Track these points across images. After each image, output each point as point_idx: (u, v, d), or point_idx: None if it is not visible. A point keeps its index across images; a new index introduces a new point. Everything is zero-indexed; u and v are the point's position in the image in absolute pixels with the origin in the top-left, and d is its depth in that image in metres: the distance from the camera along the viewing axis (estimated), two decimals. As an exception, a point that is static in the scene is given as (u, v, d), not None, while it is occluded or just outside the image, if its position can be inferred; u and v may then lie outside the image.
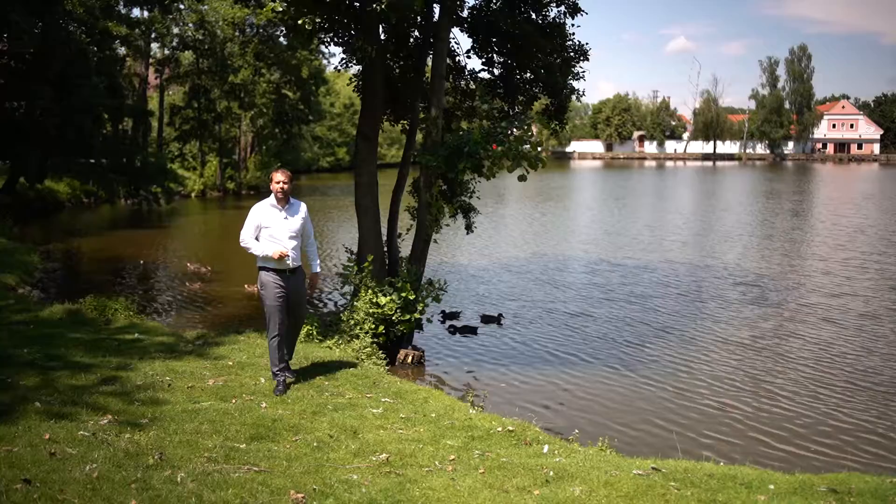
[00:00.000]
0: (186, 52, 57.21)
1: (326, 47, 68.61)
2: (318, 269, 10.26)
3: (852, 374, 14.57)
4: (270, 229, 9.50)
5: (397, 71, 17.37)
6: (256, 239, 9.55)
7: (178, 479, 6.15)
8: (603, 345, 16.83)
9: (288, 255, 9.43)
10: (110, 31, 42.01)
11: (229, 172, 60.33)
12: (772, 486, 7.12)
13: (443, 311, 18.82)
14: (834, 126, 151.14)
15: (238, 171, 61.48)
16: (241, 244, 9.60)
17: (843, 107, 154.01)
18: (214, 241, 35.34)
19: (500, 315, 19.00)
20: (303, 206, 9.95)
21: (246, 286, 21.67)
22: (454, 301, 20.08)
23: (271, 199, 9.65)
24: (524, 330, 18.06)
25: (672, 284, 23.69)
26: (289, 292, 9.60)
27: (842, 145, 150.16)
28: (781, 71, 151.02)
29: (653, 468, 7.47)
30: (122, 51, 49.37)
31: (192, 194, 56.79)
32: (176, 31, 55.78)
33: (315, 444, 7.61)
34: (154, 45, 56.64)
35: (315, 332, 13.59)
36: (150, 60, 56.53)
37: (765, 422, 12.27)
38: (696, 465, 7.83)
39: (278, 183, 9.58)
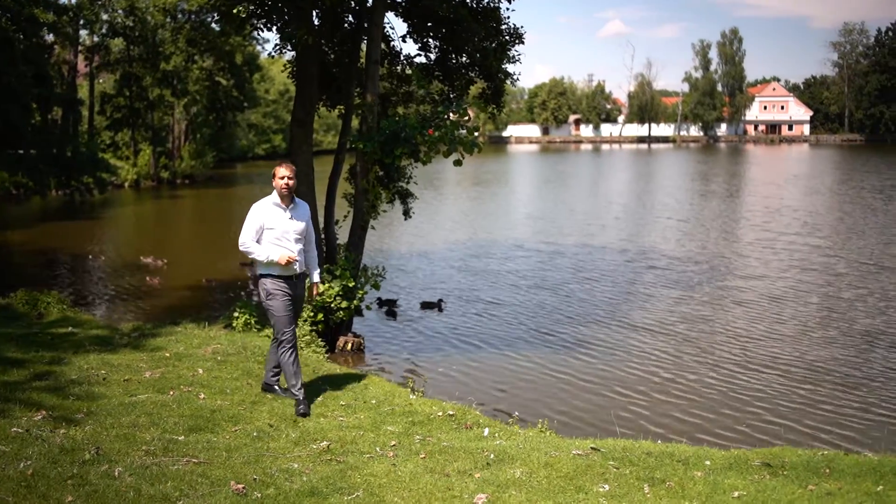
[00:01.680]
0: (116, 38, 56.11)
1: (260, 33, 67.89)
2: (319, 279, 9.18)
3: (764, 355, 14.91)
4: (274, 231, 8.44)
5: (332, 56, 17.25)
6: (258, 242, 8.52)
7: (116, 473, 6.06)
8: (538, 330, 17.03)
9: (297, 261, 8.50)
10: (37, 18, 40.90)
11: (163, 161, 59.45)
12: (708, 462, 7.26)
13: (378, 298, 18.80)
14: (765, 108, 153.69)
15: (172, 159, 60.60)
16: (242, 248, 8.51)
17: (774, 89, 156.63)
18: (155, 231, 34.86)
19: (441, 300, 19.07)
20: (307, 207, 8.94)
21: (204, 280, 21.47)
22: (388, 287, 20.06)
23: (273, 197, 8.53)
24: (461, 316, 18.16)
25: (599, 270, 24.00)
26: (295, 300, 8.70)
27: (773, 127, 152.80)
28: (714, 54, 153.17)
29: (592, 448, 7.56)
30: (49, 38, 48.19)
31: (126, 184, 55.91)
32: (105, 17, 54.64)
33: (255, 433, 7.56)
34: (83, 32, 55.42)
35: (253, 322, 13.48)
36: (80, 48, 55.31)
37: (699, 401, 12.54)
38: (635, 444, 7.94)
39: (283, 179, 8.43)
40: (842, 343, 15.68)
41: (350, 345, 14.95)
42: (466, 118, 14.17)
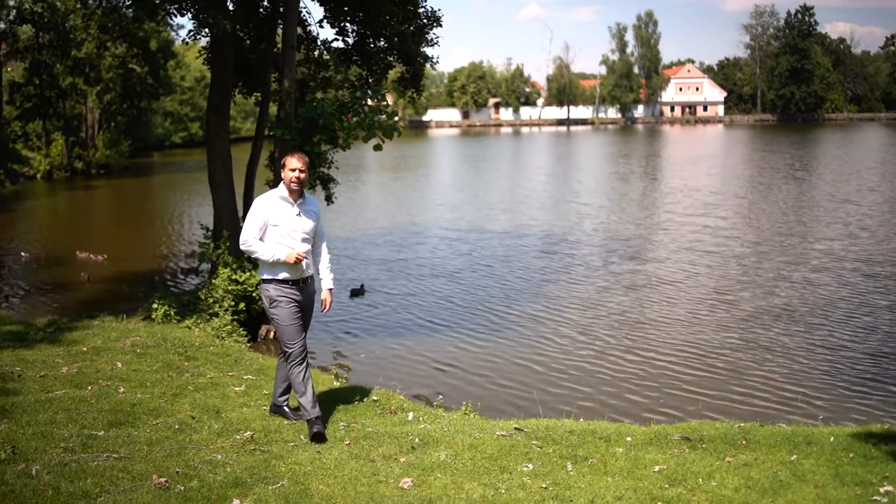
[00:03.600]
0: (25, 25, 54.47)
1: (174, 19, 66.60)
2: (332, 285, 7.97)
3: (672, 337, 15.22)
4: (280, 228, 7.47)
5: (248, 42, 17.05)
6: (261, 240, 7.53)
7: (33, 472, 5.93)
8: (458, 313, 17.18)
9: (306, 258, 7.53)
10: (-61, 6, 39.69)
11: (77, 151, 58.02)
12: (629, 438, 7.40)
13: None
14: (681, 89, 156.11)
15: (86, 149, 59.18)
16: (243, 247, 7.57)
17: (689, 70, 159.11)
18: (79, 225, 34.04)
19: (363, 286, 19.05)
20: (317, 203, 7.94)
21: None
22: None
23: (281, 190, 7.55)
24: (379, 303, 18.16)
25: (501, 256, 24.23)
26: (303, 308, 7.65)
27: (689, 107, 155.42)
28: (630, 37, 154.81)
29: (515, 428, 7.65)
30: (-47, 26, 46.73)
31: (38, 175, 54.54)
32: (12, 3, 52.99)
33: (177, 426, 7.47)
34: (-11, 20, 53.75)
35: (173, 313, 13.32)
36: (-14, 35, 53.68)
37: (617, 381, 12.79)
38: (558, 423, 8.05)
39: (294, 171, 7.44)
40: (748, 323, 16.12)
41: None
42: (385, 103, 14.10)
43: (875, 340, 14.56)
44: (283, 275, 7.49)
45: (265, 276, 7.58)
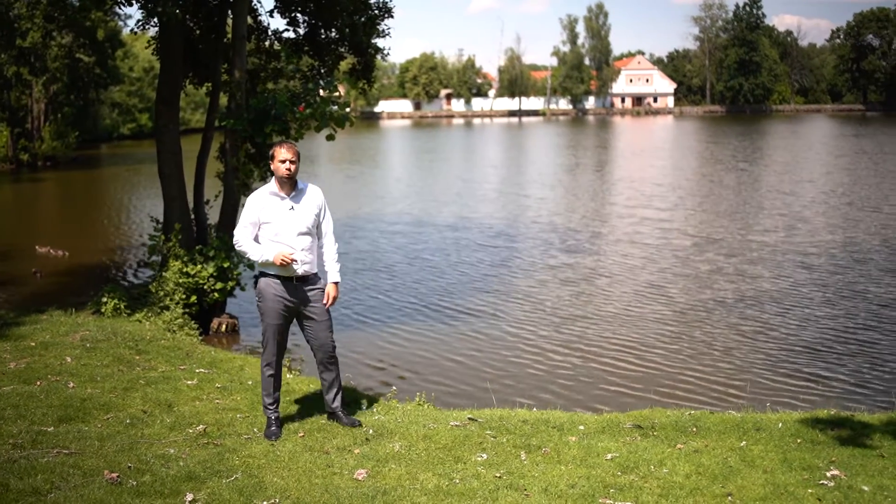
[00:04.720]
0: (-34, 14, 53.42)
1: (122, 8, 65.71)
2: (339, 278, 7.43)
3: (604, 328, 15.34)
4: (273, 225, 7.08)
5: (198, 32, 16.84)
6: (256, 239, 7.20)
7: (-19, 468, 5.86)
8: (411, 305, 17.17)
9: (295, 261, 7.06)
10: None
11: (22, 143, 56.95)
12: (582, 427, 7.49)
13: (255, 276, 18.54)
14: (631, 81, 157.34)
15: (32, 141, 58.11)
16: (237, 247, 7.31)
17: (639, 62, 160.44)
18: (32, 218, 33.38)
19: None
20: (317, 192, 7.34)
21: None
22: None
23: (271, 184, 7.17)
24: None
25: (443, 248, 24.29)
26: (297, 308, 7.27)
27: (639, 99, 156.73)
28: (581, 28, 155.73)
29: (469, 419, 7.69)
30: None
31: (-18, 167, 53.53)
32: (-47, -8, 51.91)
33: (128, 421, 7.40)
34: (-72, 8, 52.54)
35: (123, 307, 13.17)
36: (-75, 24, 52.46)
37: (569, 371, 12.87)
38: (511, 413, 8.12)
39: (284, 162, 7.03)
40: (690, 314, 16.33)
41: (224, 326, 14.76)
42: (337, 94, 14.03)
43: (814, 330, 14.82)
44: (275, 270, 7.19)
45: (259, 270, 7.36)
